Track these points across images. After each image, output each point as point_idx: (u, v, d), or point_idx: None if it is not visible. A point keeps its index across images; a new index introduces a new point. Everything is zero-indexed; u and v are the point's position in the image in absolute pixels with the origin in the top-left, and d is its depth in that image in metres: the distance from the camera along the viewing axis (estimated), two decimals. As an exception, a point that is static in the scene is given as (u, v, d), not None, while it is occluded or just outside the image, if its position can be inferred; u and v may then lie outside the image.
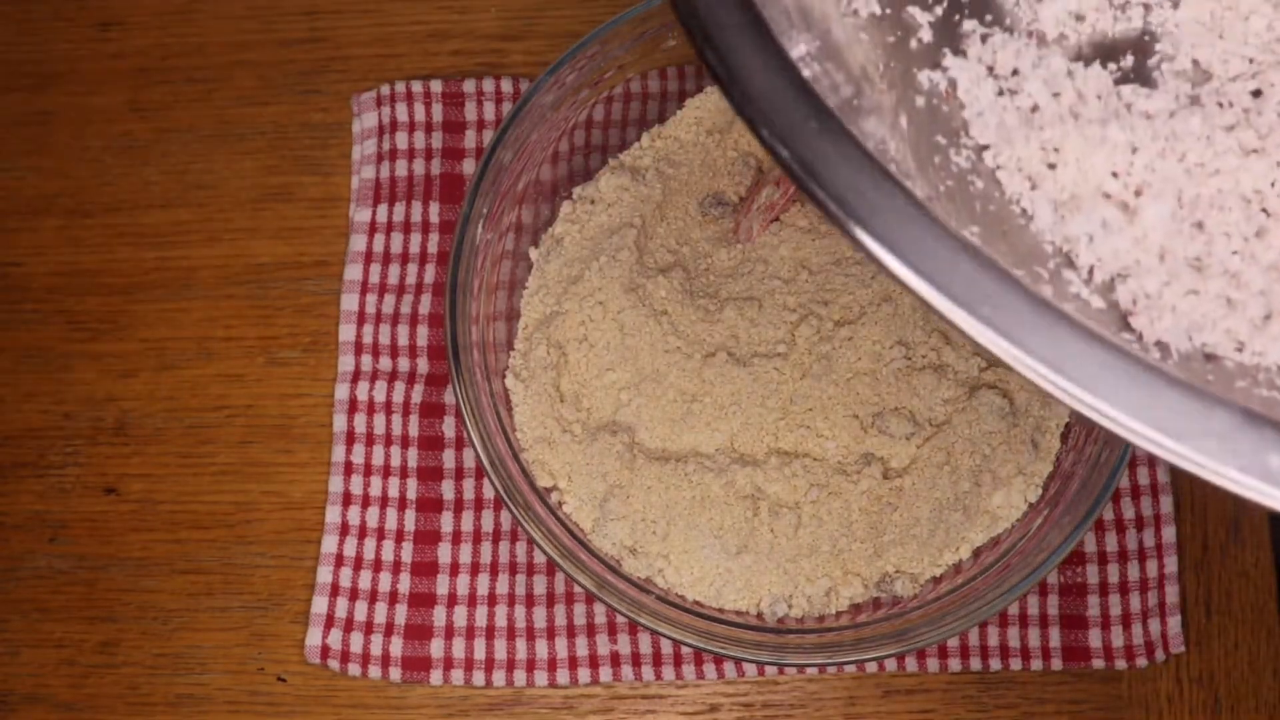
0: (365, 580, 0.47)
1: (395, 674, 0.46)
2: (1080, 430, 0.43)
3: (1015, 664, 0.45)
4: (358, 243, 0.50)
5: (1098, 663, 0.45)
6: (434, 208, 0.51)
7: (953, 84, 0.29)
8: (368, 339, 0.50)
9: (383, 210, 0.51)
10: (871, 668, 0.46)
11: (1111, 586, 0.46)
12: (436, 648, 0.47)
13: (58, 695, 0.48)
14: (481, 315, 0.44)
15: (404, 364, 0.49)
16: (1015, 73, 0.29)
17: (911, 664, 0.46)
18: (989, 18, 0.30)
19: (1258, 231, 0.27)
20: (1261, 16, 0.28)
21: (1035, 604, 0.46)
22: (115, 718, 0.47)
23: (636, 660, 0.46)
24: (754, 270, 0.45)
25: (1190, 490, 0.47)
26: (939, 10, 0.30)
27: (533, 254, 0.47)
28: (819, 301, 0.44)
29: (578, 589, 0.47)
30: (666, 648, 0.46)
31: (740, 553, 0.42)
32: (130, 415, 0.50)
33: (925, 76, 0.29)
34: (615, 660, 0.46)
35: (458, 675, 0.46)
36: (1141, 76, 0.30)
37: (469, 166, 0.51)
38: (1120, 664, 0.45)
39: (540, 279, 0.47)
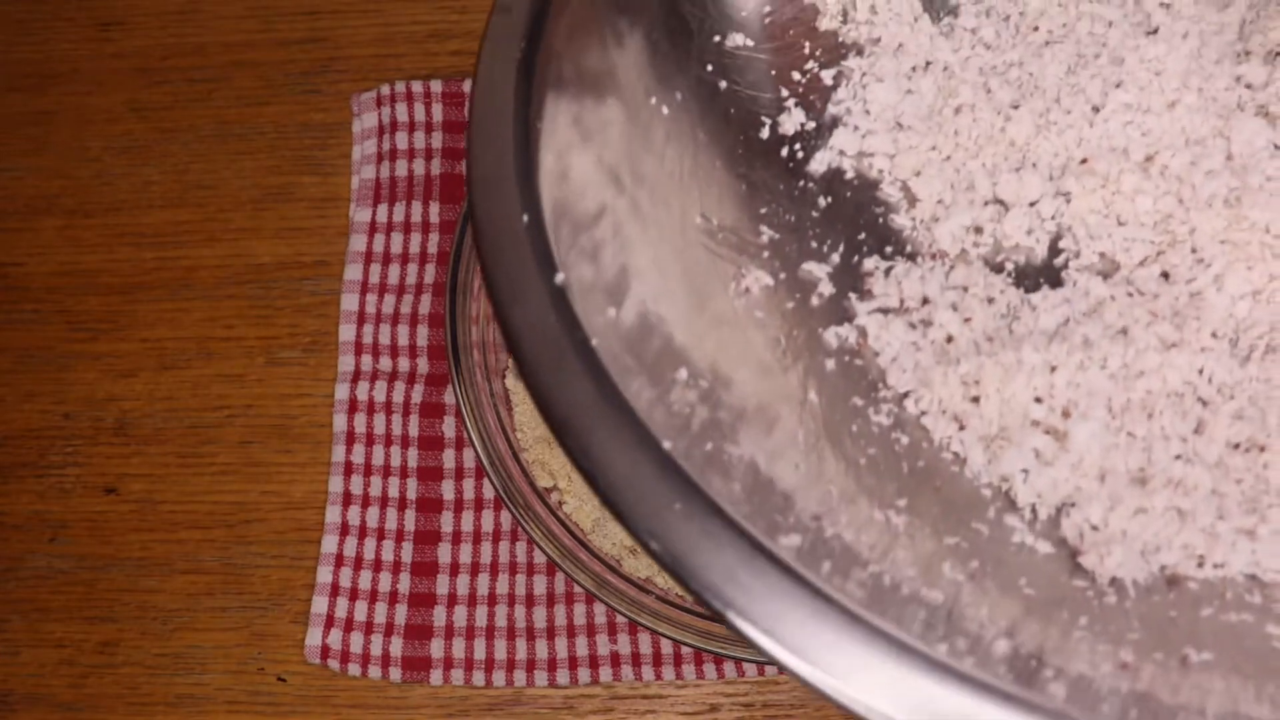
0: (365, 580, 0.47)
1: (395, 674, 0.46)
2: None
3: (1015, 664, 0.45)
4: (358, 243, 0.50)
5: (1098, 663, 0.45)
6: (434, 208, 0.51)
7: (862, 332, 0.28)
8: (368, 339, 0.50)
9: (383, 210, 0.51)
10: (871, 668, 0.46)
11: (1111, 586, 0.46)
12: (436, 648, 0.47)
13: (58, 695, 0.48)
14: (481, 315, 0.44)
15: (404, 364, 0.49)
16: (925, 301, 0.28)
17: (911, 664, 0.46)
18: (889, 249, 0.29)
19: (1196, 427, 0.25)
20: (1146, 195, 0.28)
21: (1035, 604, 0.46)
22: (115, 718, 0.47)
23: (636, 660, 0.46)
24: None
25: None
26: (835, 258, 0.29)
27: (533, 254, 0.47)
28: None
29: (578, 589, 0.47)
30: (666, 648, 0.46)
31: (740, 553, 0.42)
32: (130, 415, 0.50)
33: (832, 334, 0.28)
34: (615, 660, 0.46)
35: (458, 675, 0.46)
36: (1050, 278, 0.29)
37: (469, 166, 0.51)
38: (1120, 664, 0.45)
39: (540, 279, 0.47)
